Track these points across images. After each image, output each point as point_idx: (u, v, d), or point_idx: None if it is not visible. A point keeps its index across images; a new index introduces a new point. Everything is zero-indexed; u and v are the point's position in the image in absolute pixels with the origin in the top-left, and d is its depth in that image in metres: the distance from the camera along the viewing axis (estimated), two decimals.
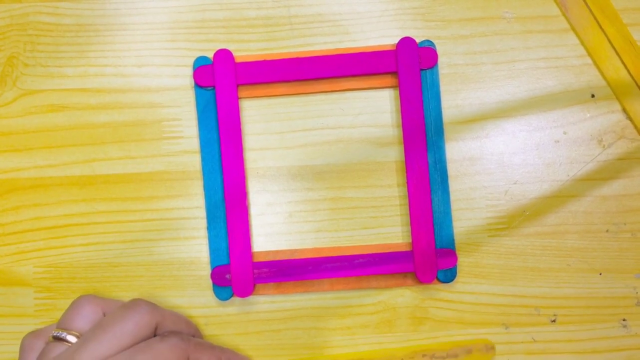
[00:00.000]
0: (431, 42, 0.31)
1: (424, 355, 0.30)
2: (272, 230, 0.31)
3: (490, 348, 0.30)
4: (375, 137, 0.32)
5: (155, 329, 0.27)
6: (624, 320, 0.31)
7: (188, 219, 0.31)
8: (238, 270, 0.30)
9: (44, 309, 0.31)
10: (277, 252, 0.31)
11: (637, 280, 0.31)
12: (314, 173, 0.32)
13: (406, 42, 0.31)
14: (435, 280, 0.31)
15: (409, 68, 0.31)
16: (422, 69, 0.31)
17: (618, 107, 0.32)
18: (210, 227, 0.31)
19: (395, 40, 0.32)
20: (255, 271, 0.30)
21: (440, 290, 0.31)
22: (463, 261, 0.31)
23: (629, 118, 0.32)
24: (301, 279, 0.30)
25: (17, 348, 0.31)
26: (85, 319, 0.27)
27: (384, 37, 0.32)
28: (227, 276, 0.30)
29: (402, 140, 0.31)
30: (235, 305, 0.31)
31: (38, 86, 0.32)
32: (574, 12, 0.32)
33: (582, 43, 0.32)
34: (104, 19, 0.32)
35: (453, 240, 0.31)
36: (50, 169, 0.32)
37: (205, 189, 0.31)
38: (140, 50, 0.32)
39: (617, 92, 0.32)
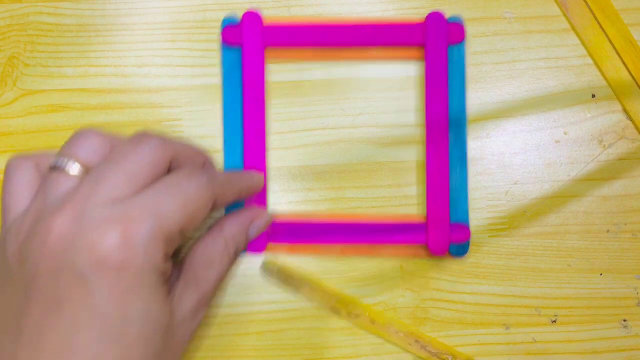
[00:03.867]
0: (459, 18, 0.31)
1: (417, 341, 0.30)
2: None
3: None
4: (376, 137, 0.32)
5: (169, 165, 0.24)
6: (624, 320, 0.31)
7: None
8: None
9: None
10: (292, 214, 0.31)
11: (637, 280, 0.31)
12: (314, 173, 0.32)
13: (435, 16, 0.31)
14: (447, 254, 0.31)
15: (436, 42, 0.31)
16: (449, 44, 0.31)
17: (619, 107, 0.32)
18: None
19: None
20: (270, 230, 0.30)
21: (440, 291, 0.31)
22: (464, 261, 0.31)
23: (630, 118, 0.32)
24: (314, 242, 0.30)
25: None
26: (92, 151, 0.23)
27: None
28: None
29: (402, 140, 0.31)
30: (237, 306, 0.31)
31: (38, 86, 0.32)
32: (575, 12, 0.32)
33: (583, 43, 0.32)
34: (104, 19, 0.32)
35: (467, 216, 0.31)
36: None
37: (225, 147, 0.31)
38: (140, 50, 0.32)
39: (618, 92, 0.32)
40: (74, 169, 0.23)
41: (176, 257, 0.27)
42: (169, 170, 0.24)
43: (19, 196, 0.24)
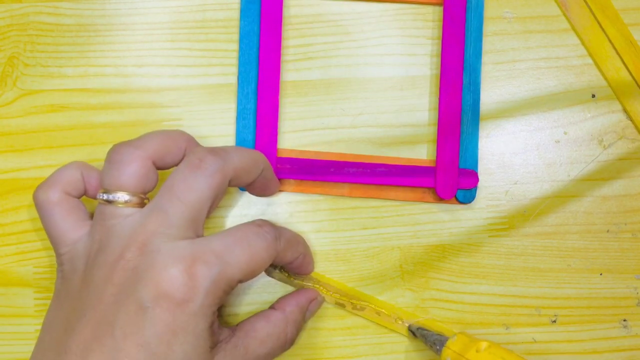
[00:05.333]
0: None
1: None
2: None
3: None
4: (376, 137, 0.32)
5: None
6: (624, 320, 0.31)
7: None
8: None
9: (44, 310, 0.31)
10: (301, 151, 0.31)
11: (637, 280, 0.31)
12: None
13: None
14: (454, 200, 0.31)
15: None
16: None
17: (619, 107, 0.32)
18: (240, 117, 0.31)
19: (396, 41, 0.32)
20: (279, 166, 0.31)
21: (440, 291, 0.31)
22: (464, 261, 0.31)
23: (630, 118, 0.32)
24: (322, 179, 0.31)
25: (17, 348, 0.31)
26: (137, 177, 0.24)
27: (385, 37, 0.32)
28: None
29: (402, 140, 0.31)
30: (237, 306, 0.31)
31: (38, 86, 0.32)
32: (575, 12, 0.32)
33: (583, 43, 0.32)
34: (104, 19, 0.32)
35: (477, 162, 0.31)
36: (51, 169, 0.31)
37: (239, 90, 0.31)
38: (140, 50, 0.32)
39: (618, 92, 0.32)
40: (125, 198, 0.24)
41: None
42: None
43: (66, 225, 0.25)
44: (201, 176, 0.24)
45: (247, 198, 0.31)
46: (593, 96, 0.32)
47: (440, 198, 0.31)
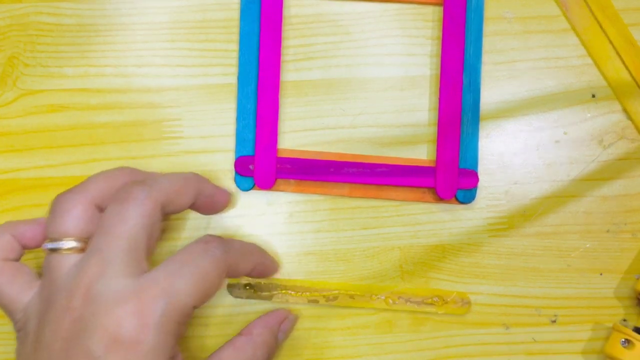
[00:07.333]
0: None
1: (399, 297, 0.30)
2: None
3: (466, 302, 0.30)
4: (376, 137, 0.32)
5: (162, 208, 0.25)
6: (624, 320, 0.31)
7: None
8: (262, 162, 0.30)
9: None
10: (302, 151, 0.31)
11: (638, 280, 0.31)
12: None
13: None
14: (454, 200, 0.31)
15: None
16: None
17: (618, 107, 0.32)
18: (240, 117, 0.31)
19: (396, 41, 0.32)
20: (279, 165, 0.31)
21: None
22: (464, 261, 0.31)
23: (630, 118, 0.32)
24: (322, 179, 0.31)
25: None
26: (80, 222, 0.24)
27: (385, 37, 0.32)
28: (251, 167, 0.31)
29: (402, 140, 0.32)
30: (237, 306, 0.31)
31: (38, 86, 0.32)
32: (575, 12, 0.32)
33: (583, 43, 0.32)
34: (104, 19, 0.32)
35: (477, 162, 0.31)
36: (51, 169, 0.32)
37: (239, 90, 0.31)
38: (140, 50, 0.32)
39: (618, 92, 0.32)
40: (70, 245, 0.24)
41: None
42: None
43: (13, 291, 0.25)
44: (130, 206, 0.23)
45: (247, 199, 0.31)
46: (593, 96, 0.32)
47: (440, 198, 0.31)
